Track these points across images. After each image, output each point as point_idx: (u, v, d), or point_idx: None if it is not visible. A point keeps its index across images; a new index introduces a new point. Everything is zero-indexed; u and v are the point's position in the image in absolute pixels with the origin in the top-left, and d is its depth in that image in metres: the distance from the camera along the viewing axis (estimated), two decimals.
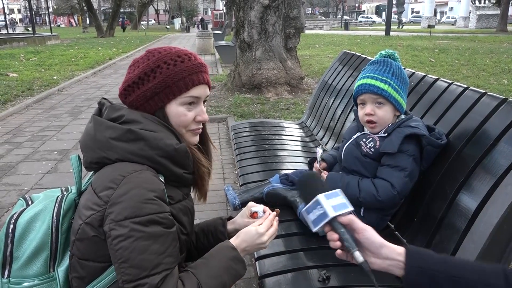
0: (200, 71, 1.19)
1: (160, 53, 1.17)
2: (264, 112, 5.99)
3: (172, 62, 1.15)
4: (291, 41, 7.40)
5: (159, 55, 1.17)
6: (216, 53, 13.94)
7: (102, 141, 1.09)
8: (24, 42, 18.74)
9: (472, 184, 1.43)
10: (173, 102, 1.17)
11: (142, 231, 1.00)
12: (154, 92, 1.15)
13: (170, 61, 1.15)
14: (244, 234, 1.22)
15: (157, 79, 1.14)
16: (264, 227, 1.23)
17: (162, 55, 1.17)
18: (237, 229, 1.39)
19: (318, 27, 38.61)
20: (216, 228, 1.43)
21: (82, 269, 1.08)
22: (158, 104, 1.16)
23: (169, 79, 1.14)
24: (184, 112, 1.18)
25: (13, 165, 4.24)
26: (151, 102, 1.16)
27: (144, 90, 1.15)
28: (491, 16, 35.05)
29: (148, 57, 1.18)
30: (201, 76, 1.19)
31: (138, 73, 1.16)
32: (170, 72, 1.14)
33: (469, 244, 1.31)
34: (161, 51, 1.19)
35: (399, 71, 1.68)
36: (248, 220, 1.38)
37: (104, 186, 1.05)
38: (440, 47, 15.58)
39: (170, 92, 1.15)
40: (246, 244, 1.21)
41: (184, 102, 1.17)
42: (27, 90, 8.02)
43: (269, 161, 2.64)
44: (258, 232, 1.21)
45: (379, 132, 1.68)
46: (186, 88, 1.16)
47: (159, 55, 1.17)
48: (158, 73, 1.14)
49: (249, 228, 1.24)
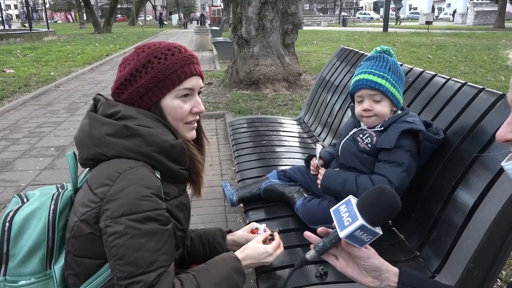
0: (192, 62, 1.18)
1: (150, 48, 1.17)
2: (261, 108, 5.98)
3: (163, 56, 1.14)
4: (289, 37, 7.38)
5: (148, 50, 1.16)
6: (213, 49, 13.90)
7: (98, 137, 1.09)
8: (20, 38, 18.64)
9: (469, 180, 1.44)
10: (168, 96, 1.16)
11: (138, 228, 1.00)
12: (148, 88, 1.14)
13: (160, 55, 1.15)
14: (252, 249, 1.26)
15: (149, 74, 1.13)
16: (273, 248, 1.29)
17: (152, 50, 1.16)
18: (235, 241, 1.42)
19: (316, 23, 38.53)
20: (215, 238, 1.44)
21: (78, 266, 1.08)
22: (153, 100, 1.15)
23: (161, 73, 1.13)
24: (180, 104, 1.17)
25: (10, 161, 4.22)
26: (145, 98, 1.15)
27: (137, 86, 1.14)
28: (489, 12, 35.06)
29: (138, 53, 1.17)
30: (193, 68, 1.18)
31: (129, 70, 1.15)
32: (161, 66, 1.13)
33: (467, 240, 1.31)
34: (150, 46, 1.18)
35: (396, 66, 1.68)
36: (248, 234, 1.42)
37: (100, 183, 1.04)
38: (438, 44, 15.59)
39: (164, 86, 1.14)
40: (251, 260, 1.25)
41: (178, 95, 1.17)
42: (24, 86, 7.98)
43: (267, 157, 2.64)
44: (267, 251, 1.27)
45: (376, 126, 1.68)
46: (179, 80, 1.15)
47: (148, 50, 1.16)
48: (150, 68, 1.13)
49: (257, 245, 1.28)
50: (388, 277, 0.98)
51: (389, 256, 1.55)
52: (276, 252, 1.29)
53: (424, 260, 1.50)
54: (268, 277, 1.40)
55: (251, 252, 1.25)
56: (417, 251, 1.55)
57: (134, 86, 1.14)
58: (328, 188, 1.71)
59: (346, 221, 0.90)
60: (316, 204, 1.74)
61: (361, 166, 1.68)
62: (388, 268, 0.99)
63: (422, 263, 1.49)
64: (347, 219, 0.90)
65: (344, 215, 0.91)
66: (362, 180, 1.63)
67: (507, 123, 0.75)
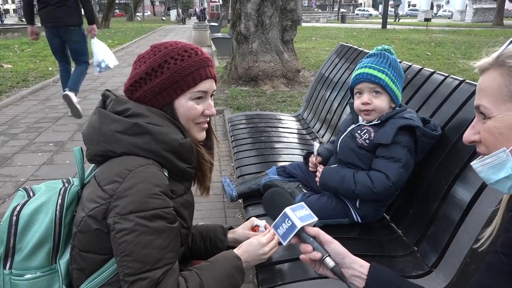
0: (207, 65, 1.19)
1: (167, 48, 1.17)
2: (260, 104, 5.99)
3: (179, 57, 1.15)
4: (288, 34, 7.37)
5: (165, 50, 1.16)
6: (212, 45, 13.86)
7: (108, 134, 1.09)
8: (18, 33, 18.52)
9: (467, 176, 1.45)
10: (182, 97, 1.17)
11: (146, 226, 1.01)
12: (162, 88, 1.15)
13: (177, 56, 1.15)
14: (247, 245, 1.30)
15: (165, 75, 1.14)
16: (266, 239, 1.31)
17: (169, 50, 1.16)
18: (237, 239, 1.43)
19: (315, 19, 38.41)
20: (216, 235, 1.46)
21: (83, 261, 1.09)
22: (167, 99, 1.16)
23: (177, 74, 1.14)
24: (193, 106, 1.18)
25: (9, 156, 4.22)
26: (159, 97, 1.16)
27: (152, 85, 1.15)
28: (488, 10, 35.06)
29: (155, 52, 1.17)
30: (208, 71, 1.19)
31: (145, 69, 1.16)
32: (178, 68, 1.14)
33: (463, 235, 1.33)
34: (167, 46, 1.18)
35: (396, 63, 1.70)
36: (249, 232, 1.45)
37: (109, 180, 1.05)
38: (437, 41, 15.58)
39: (179, 87, 1.15)
40: (248, 255, 1.28)
41: (192, 97, 1.18)
42: (22, 81, 7.95)
43: (266, 153, 2.65)
44: (260, 243, 1.29)
45: (373, 120, 1.69)
46: (194, 83, 1.16)
47: (165, 50, 1.17)
48: (166, 68, 1.14)
49: (251, 240, 1.31)
50: (353, 266, 1.04)
51: (387, 251, 1.57)
52: (271, 243, 1.31)
53: (422, 255, 1.52)
54: (267, 271, 1.42)
55: (246, 247, 1.29)
56: (415, 246, 1.57)
57: (149, 85, 1.15)
58: (327, 185, 1.72)
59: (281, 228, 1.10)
60: (315, 200, 1.76)
61: (359, 162, 1.69)
62: (353, 258, 1.05)
63: (420, 258, 1.51)
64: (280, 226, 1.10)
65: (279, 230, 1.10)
66: (360, 176, 1.64)
67: (471, 126, 0.85)
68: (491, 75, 0.80)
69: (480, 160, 0.82)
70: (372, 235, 1.69)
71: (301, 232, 1.07)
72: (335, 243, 1.07)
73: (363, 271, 1.03)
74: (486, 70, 0.82)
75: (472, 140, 0.85)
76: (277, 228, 1.09)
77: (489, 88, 0.80)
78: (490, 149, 0.80)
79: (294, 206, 1.10)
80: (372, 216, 1.72)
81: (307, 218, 1.07)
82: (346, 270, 1.03)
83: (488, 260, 0.85)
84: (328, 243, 1.06)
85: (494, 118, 0.79)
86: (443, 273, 1.36)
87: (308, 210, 1.10)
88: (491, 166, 0.80)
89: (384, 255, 1.55)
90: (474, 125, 0.85)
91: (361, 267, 1.04)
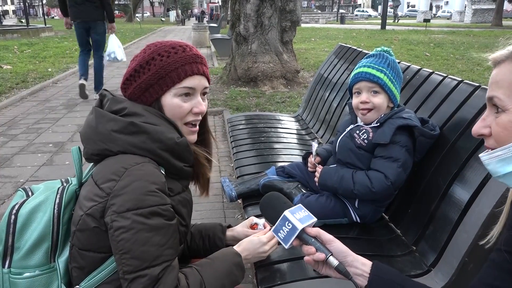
0: (195, 61, 1.18)
1: (156, 46, 1.18)
2: (259, 105, 5.99)
3: (166, 54, 1.16)
4: (287, 35, 7.38)
5: (154, 48, 1.18)
6: (211, 46, 13.87)
7: (104, 133, 1.10)
8: (17, 34, 18.52)
9: (465, 175, 1.46)
10: (168, 94, 1.17)
11: (144, 223, 1.01)
12: (149, 84, 1.15)
13: (164, 52, 1.16)
14: (247, 242, 1.30)
15: (151, 71, 1.15)
16: (266, 237, 1.32)
17: (157, 47, 1.18)
18: (236, 237, 1.44)
19: (314, 20, 38.46)
20: (215, 233, 1.46)
21: (82, 259, 1.09)
22: (153, 96, 1.17)
23: (162, 70, 1.14)
24: (179, 103, 1.17)
25: (8, 157, 4.23)
26: (146, 94, 1.16)
27: (140, 82, 1.16)
28: (487, 10, 35.09)
29: (145, 50, 1.19)
30: (195, 67, 1.18)
31: (134, 66, 1.18)
32: (163, 64, 1.15)
33: (462, 234, 1.34)
34: (157, 44, 1.20)
35: (395, 64, 1.71)
36: (248, 230, 1.45)
37: (106, 178, 1.05)
38: (436, 41, 15.61)
39: (164, 83, 1.15)
40: (247, 252, 1.28)
41: (178, 93, 1.17)
42: (21, 82, 7.95)
43: (265, 153, 2.65)
44: (261, 241, 1.30)
45: (372, 122, 1.70)
46: (179, 78, 1.16)
47: (154, 47, 1.18)
48: (152, 65, 1.15)
49: (251, 237, 1.32)
50: (355, 264, 1.03)
51: (386, 251, 1.57)
52: (271, 242, 1.32)
53: (420, 254, 1.52)
54: (266, 271, 1.42)
55: (247, 244, 1.29)
56: (413, 245, 1.58)
57: (137, 81, 1.16)
58: (326, 185, 1.73)
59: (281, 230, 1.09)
60: (314, 200, 1.77)
61: (358, 162, 1.70)
62: (355, 257, 1.05)
63: (418, 258, 1.51)
64: (281, 230, 1.09)
65: (280, 234, 1.09)
66: (359, 176, 1.65)
67: (482, 119, 0.83)
68: (507, 67, 0.78)
69: (489, 152, 0.80)
70: (371, 235, 1.69)
71: (302, 233, 1.06)
72: (337, 242, 1.07)
73: (366, 269, 1.02)
74: (502, 62, 0.80)
75: (481, 133, 0.82)
76: (277, 232, 1.09)
77: (504, 81, 0.78)
78: (501, 144, 0.78)
79: (292, 209, 1.09)
80: (371, 216, 1.73)
81: (306, 219, 1.08)
82: (348, 268, 1.03)
83: (492, 257, 0.84)
84: (329, 242, 1.06)
85: (509, 111, 0.77)
86: (441, 273, 1.36)
87: (306, 211, 1.10)
88: (500, 159, 0.78)
89: (383, 254, 1.55)
90: (485, 118, 0.82)
91: (363, 265, 1.04)
